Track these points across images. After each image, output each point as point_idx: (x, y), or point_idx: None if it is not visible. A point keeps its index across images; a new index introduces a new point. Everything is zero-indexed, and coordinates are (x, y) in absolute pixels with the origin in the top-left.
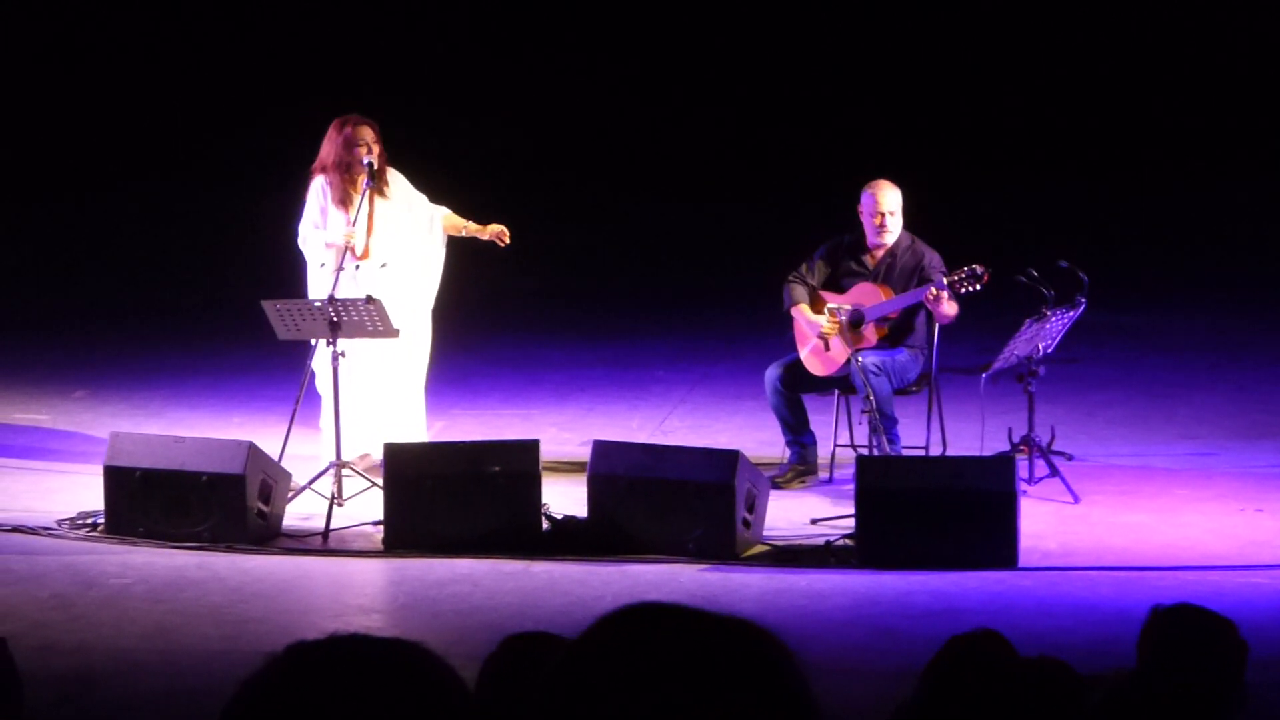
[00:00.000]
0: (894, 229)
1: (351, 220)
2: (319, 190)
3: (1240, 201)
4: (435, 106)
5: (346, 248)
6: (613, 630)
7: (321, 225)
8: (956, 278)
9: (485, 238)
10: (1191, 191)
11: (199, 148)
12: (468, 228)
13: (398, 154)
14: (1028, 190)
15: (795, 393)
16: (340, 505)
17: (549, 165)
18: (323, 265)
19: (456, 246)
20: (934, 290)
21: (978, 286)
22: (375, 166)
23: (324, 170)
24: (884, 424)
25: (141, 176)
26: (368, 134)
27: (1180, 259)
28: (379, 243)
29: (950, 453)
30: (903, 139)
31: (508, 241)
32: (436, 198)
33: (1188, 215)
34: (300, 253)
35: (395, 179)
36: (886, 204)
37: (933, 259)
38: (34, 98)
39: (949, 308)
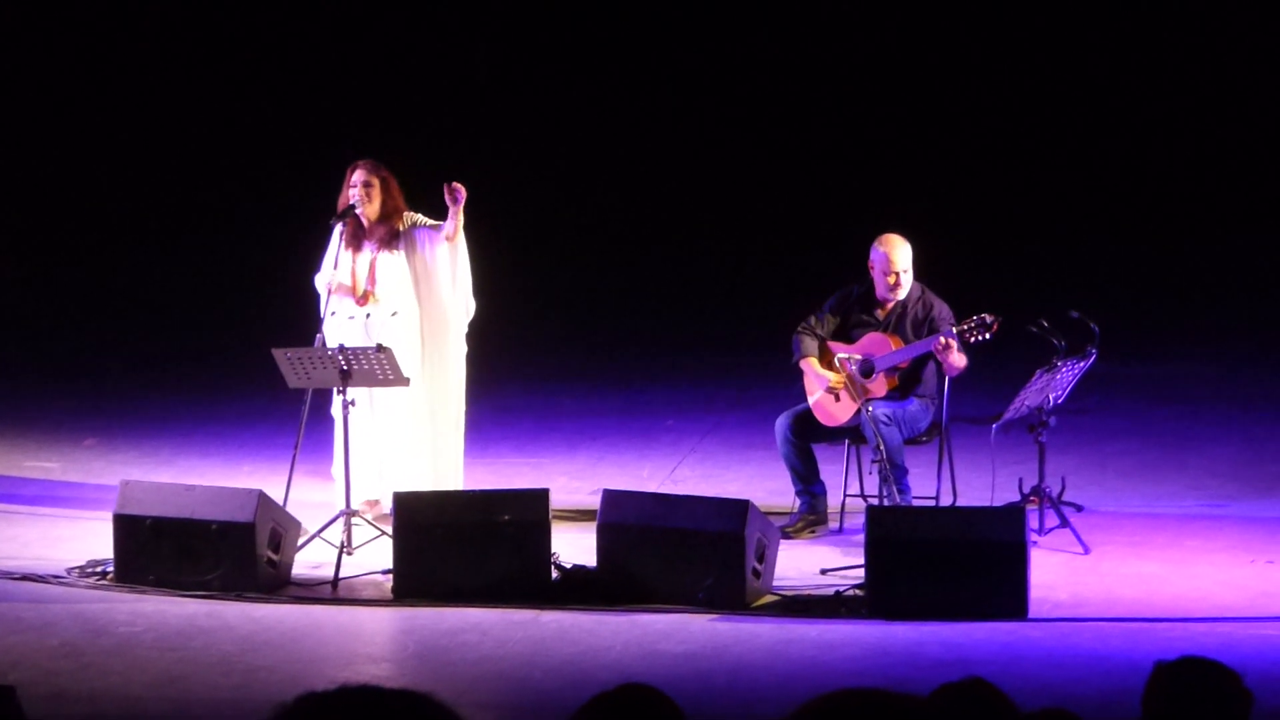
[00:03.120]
0: (906, 285)
1: (335, 263)
2: (335, 235)
3: (1252, 252)
4: (451, 148)
5: (329, 290)
6: None
7: (335, 269)
8: (966, 327)
9: (455, 207)
10: (1204, 242)
11: (211, 198)
12: (452, 216)
13: (420, 194)
14: (1039, 240)
15: (806, 442)
16: (350, 554)
17: (562, 211)
18: (334, 313)
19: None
20: (943, 340)
21: (987, 335)
22: (352, 207)
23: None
24: (894, 474)
25: (153, 227)
26: (355, 175)
27: (1192, 309)
28: (386, 291)
29: (961, 503)
30: (914, 189)
31: (458, 187)
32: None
33: (1200, 266)
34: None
35: (407, 221)
36: (900, 262)
37: (942, 311)
38: (46, 148)
39: (958, 359)
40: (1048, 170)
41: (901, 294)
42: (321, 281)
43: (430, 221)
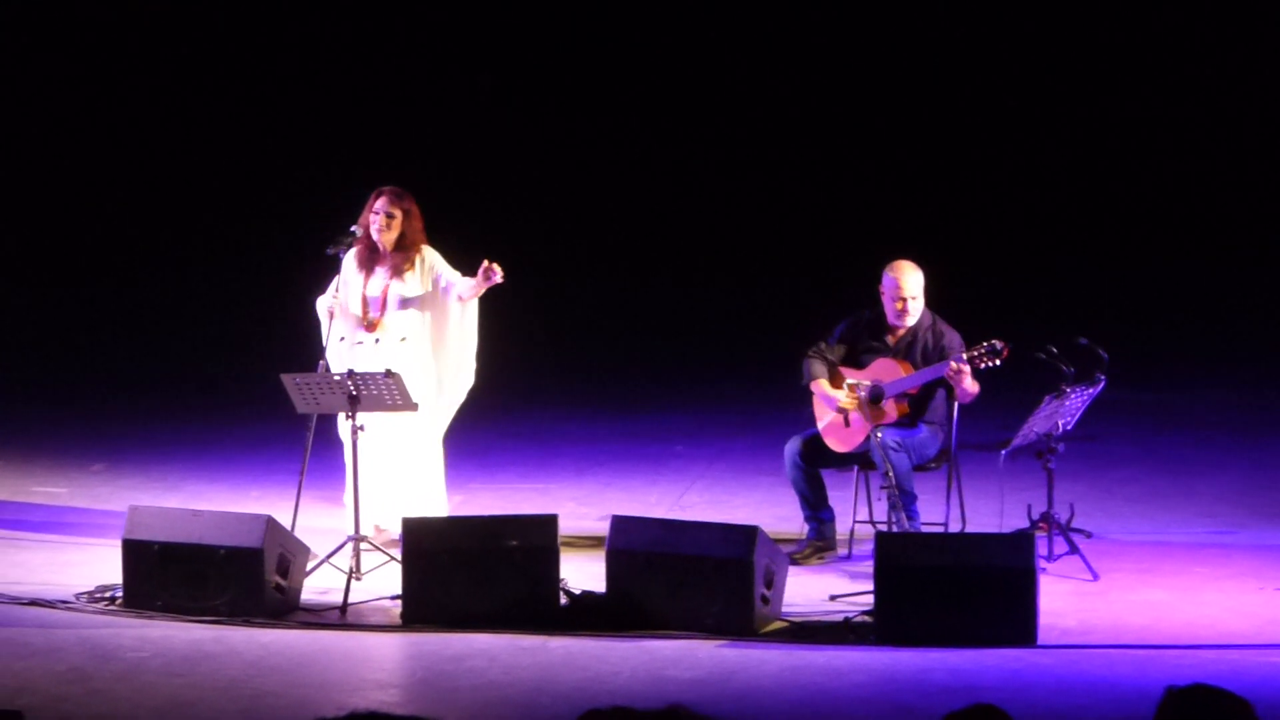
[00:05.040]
0: (915, 312)
1: (337, 289)
2: (349, 259)
3: (1262, 278)
4: (462, 180)
5: (330, 314)
6: None
7: (340, 293)
8: (976, 353)
9: (485, 284)
10: (1213, 268)
11: (220, 221)
12: (476, 287)
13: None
14: (1048, 267)
15: (814, 468)
16: (358, 579)
17: (570, 241)
18: (342, 339)
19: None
20: (954, 365)
21: (997, 362)
22: (352, 233)
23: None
24: (903, 500)
25: (161, 250)
26: (378, 202)
27: (1201, 336)
28: (395, 319)
29: (969, 529)
30: (923, 215)
31: (498, 272)
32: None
33: (1208, 292)
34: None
35: (427, 258)
36: (909, 288)
37: (953, 339)
38: (50, 169)
39: (971, 385)
40: (1057, 197)
41: (910, 320)
42: (322, 306)
43: (452, 273)
